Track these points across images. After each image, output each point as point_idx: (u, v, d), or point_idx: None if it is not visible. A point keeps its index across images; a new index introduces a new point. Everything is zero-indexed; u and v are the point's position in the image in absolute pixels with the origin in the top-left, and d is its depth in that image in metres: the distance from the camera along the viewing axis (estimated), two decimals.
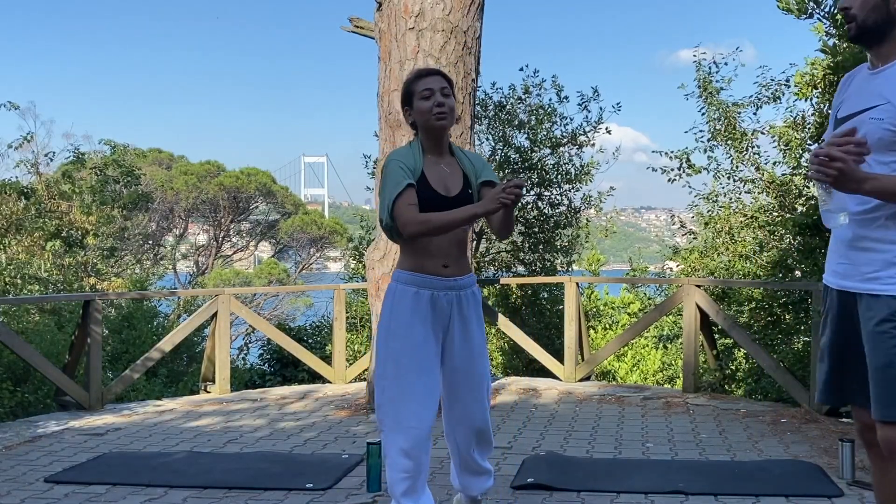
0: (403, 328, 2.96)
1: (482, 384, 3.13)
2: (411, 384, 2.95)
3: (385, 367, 3.01)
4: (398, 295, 2.98)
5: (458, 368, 3.07)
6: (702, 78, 11.19)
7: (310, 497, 4.07)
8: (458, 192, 2.98)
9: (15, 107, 12.02)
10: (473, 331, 3.08)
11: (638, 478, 4.32)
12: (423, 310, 2.96)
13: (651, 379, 12.97)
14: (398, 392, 2.96)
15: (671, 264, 14.12)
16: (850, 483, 4.14)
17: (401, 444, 2.96)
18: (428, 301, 2.96)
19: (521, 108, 11.38)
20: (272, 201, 22.00)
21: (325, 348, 10.23)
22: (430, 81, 2.98)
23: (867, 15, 2.41)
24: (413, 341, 2.95)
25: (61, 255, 12.33)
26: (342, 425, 5.82)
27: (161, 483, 4.32)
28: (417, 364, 2.96)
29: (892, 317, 2.40)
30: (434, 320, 2.98)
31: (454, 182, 3.00)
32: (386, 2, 6.11)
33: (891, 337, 2.40)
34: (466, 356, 3.07)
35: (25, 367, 7.99)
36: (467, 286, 3.06)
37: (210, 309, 7.46)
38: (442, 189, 2.96)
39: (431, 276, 2.97)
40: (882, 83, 2.43)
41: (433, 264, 2.97)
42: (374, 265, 6.20)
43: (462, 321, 3.04)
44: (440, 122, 2.96)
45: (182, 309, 15.35)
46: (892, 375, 2.39)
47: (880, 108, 2.39)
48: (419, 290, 2.95)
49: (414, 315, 2.95)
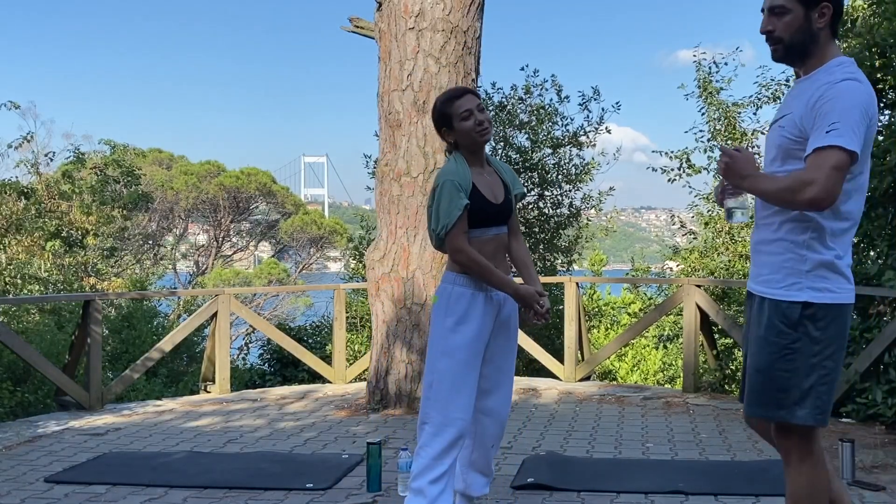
0: (461, 325, 3.14)
1: (512, 381, 3.40)
2: (464, 378, 3.14)
3: (439, 363, 3.17)
4: (454, 296, 3.16)
5: (498, 363, 3.29)
6: (702, 78, 11.20)
7: (310, 497, 4.07)
8: (503, 200, 3.24)
9: (16, 106, 12.04)
10: (512, 333, 3.34)
11: (638, 478, 4.32)
12: (478, 309, 3.16)
13: (651, 379, 12.97)
14: (450, 385, 3.13)
15: (671, 264, 14.13)
16: (850, 483, 4.14)
17: (448, 436, 3.13)
18: (483, 301, 3.17)
19: (521, 108, 11.38)
20: (272, 201, 22.00)
21: (325, 348, 10.22)
22: (465, 102, 3.16)
23: (793, 36, 2.49)
24: (466, 338, 3.14)
25: (61, 255, 12.34)
26: (342, 425, 5.82)
27: (161, 483, 4.32)
28: (472, 359, 3.16)
29: (776, 322, 2.48)
30: (484, 319, 3.17)
31: (499, 190, 3.24)
32: (386, 2, 6.11)
33: (770, 343, 2.49)
34: (506, 352, 3.32)
35: (25, 367, 8.00)
36: None
37: (210, 309, 7.46)
38: (491, 197, 3.18)
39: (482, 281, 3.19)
40: (800, 93, 2.51)
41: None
42: (374, 265, 6.20)
43: (503, 321, 3.27)
44: (484, 137, 3.17)
45: (182, 309, 15.35)
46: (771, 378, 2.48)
47: (787, 117, 2.51)
48: (475, 292, 3.16)
49: (470, 314, 3.15)
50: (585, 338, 7.94)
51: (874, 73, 6.16)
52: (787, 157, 2.49)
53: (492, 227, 3.19)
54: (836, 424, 5.57)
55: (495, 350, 3.28)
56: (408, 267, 6.05)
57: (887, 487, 4.09)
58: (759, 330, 2.53)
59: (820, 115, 2.38)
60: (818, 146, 2.34)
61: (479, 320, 3.16)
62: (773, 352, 2.49)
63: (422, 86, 5.97)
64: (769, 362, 2.49)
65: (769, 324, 2.50)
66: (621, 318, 14.19)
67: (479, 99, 3.22)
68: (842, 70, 2.46)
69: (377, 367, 6.21)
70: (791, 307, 2.47)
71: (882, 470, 4.41)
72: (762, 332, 2.52)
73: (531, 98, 11.41)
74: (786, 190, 2.39)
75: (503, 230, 3.26)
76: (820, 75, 2.48)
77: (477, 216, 3.14)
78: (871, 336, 5.70)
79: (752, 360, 2.55)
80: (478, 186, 3.15)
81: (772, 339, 2.49)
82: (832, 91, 2.39)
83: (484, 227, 3.17)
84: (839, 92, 2.38)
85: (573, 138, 11.43)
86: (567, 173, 11.50)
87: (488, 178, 3.23)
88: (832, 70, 2.47)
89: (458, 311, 3.15)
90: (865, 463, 4.48)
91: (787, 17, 2.47)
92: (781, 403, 2.48)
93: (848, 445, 4.25)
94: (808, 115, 2.42)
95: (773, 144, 2.56)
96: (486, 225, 3.17)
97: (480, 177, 3.19)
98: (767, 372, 2.50)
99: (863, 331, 5.82)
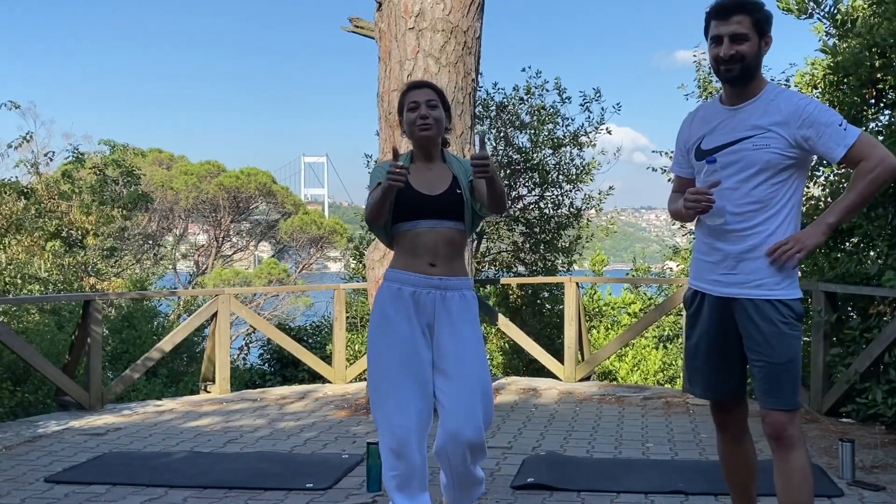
0: (385, 323, 3.00)
1: (475, 392, 2.99)
2: (395, 380, 2.96)
3: (373, 364, 3.03)
4: (381, 292, 3.05)
5: (448, 374, 2.99)
6: (702, 78, 11.20)
7: (310, 497, 4.07)
8: (443, 192, 3.05)
9: (16, 106, 12.03)
10: (464, 335, 3.01)
11: (638, 478, 4.32)
12: (404, 306, 2.98)
13: (651, 379, 12.97)
14: (383, 388, 2.97)
15: (671, 264, 14.14)
16: (850, 483, 4.14)
17: (388, 443, 2.97)
18: (409, 298, 2.98)
19: (523, 108, 11.39)
20: (272, 201, 21.98)
21: (326, 348, 10.22)
22: (417, 94, 3.08)
23: (752, 57, 2.74)
24: (395, 337, 2.98)
25: (61, 255, 12.33)
26: (342, 425, 5.82)
27: (161, 483, 4.32)
28: (401, 359, 2.96)
29: (788, 318, 2.74)
30: (418, 318, 2.99)
31: (439, 183, 3.07)
32: (386, 2, 6.11)
33: (787, 336, 2.74)
34: (455, 360, 2.99)
35: (25, 367, 8.00)
36: (455, 287, 3.04)
37: (210, 309, 7.46)
38: (425, 189, 3.04)
39: (416, 274, 3.00)
40: (751, 115, 2.77)
41: (419, 262, 3.01)
42: (374, 265, 6.20)
43: (450, 323, 3.01)
44: (422, 132, 3.06)
45: (182, 309, 15.35)
46: (795, 368, 2.74)
47: (761, 136, 2.73)
48: (401, 287, 3.00)
49: (395, 310, 2.99)
50: (585, 338, 7.94)
51: (874, 73, 6.16)
52: (775, 172, 2.73)
53: (425, 219, 3.01)
54: (836, 424, 5.57)
55: (441, 356, 3.00)
56: None
57: (887, 487, 4.08)
58: (769, 327, 2.73)
59: (821, 124, 2.68)
60: (851, 142, 2.67)
61: (407, 321, 2.98)
62: (792, 344, 2.74)
63: None
64: (791, 355, 2.74)
65: (782, 320, 2.73)
66: (621, 318, 14.20)
67: (436, 95, 3.10)
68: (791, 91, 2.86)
69: None
70: (796, 303, 2.76)
71: (882, 470, 4.41)
72: (776, 328, 2.73)
73: (532, 99, 11.41)
74: (872, 183, 2.68)
75: (445, 224, 3.03)
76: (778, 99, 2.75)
77: (404, 207, 3.01)
78: (871, 336, 5.70)
79: (770, 356, 2.73)
80: (410, 180, 3.00)
81: (788, 332, 2.74)
82: (811, 105, 2.72)
83: (415, 219, 3.01)
84: (818, 105, 2.73)
85: (574, 138, 11.43)
86: (567, 173, 11.50)
87: (430, 173, 3.09)
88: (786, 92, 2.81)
89: (383, 310, 3.01)
90: (865, 463, 4.47)
91: (749, 42, 2.72)
92: (795, 391, 2.76)
93: (848, 445, 4.25)
94: (802, 131, 2.69)
95: (755, 160, 2.72)
96: (418, 217, 3.01)
97: (422, 171, 3.09)
98: (790, 364, 2.74)
99: (863, 331, 5.82)
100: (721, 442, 3.04)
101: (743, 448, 3.00)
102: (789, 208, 2.75)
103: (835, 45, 6.72)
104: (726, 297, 2.81)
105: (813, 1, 6.94)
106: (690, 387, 3.04)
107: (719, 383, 2.92)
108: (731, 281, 2.79)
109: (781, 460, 2.76)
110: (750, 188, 2.73)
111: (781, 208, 2.74)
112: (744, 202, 2.73)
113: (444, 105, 3.13)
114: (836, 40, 6.80)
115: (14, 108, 11.98)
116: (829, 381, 5.97)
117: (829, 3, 6.88)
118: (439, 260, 3.01)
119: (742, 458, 3.01)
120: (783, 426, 2.74)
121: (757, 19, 2.73)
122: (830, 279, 6.18)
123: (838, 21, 6.73)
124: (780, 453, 2.76)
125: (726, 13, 2.73)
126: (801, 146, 2.71)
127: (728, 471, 3.04)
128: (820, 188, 7.10)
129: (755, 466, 3.03)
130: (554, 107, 11.41)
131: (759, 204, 2.73)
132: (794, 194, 2.77)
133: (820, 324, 5.98)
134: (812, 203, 6.83)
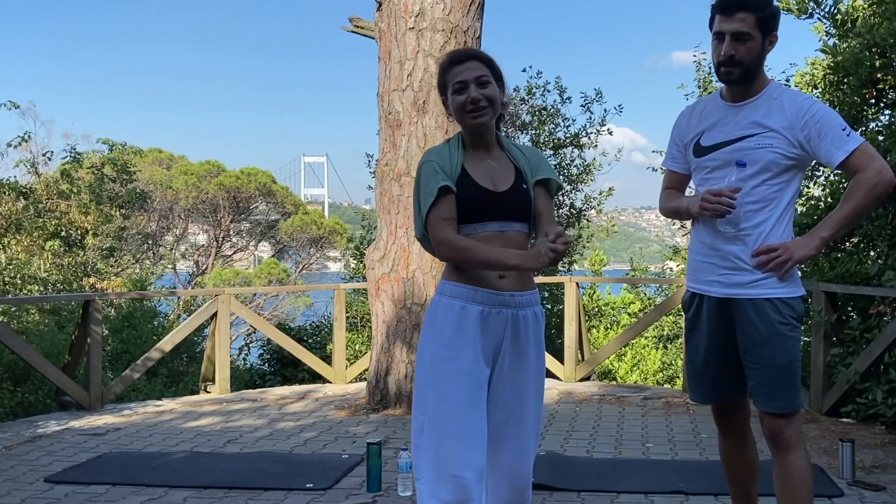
0: (448, 350, 2.44)
1: (534, 431, 2.56)
2: (458, 421, 2.41)
3: (425, 400, 2.46)
4: (441, 310, 2.48)
5: (507, 406, 2.50)
6: (702, 78, 11.21)
7: (310, 497, 4.07)
8: (510, 187, 2.52)
9: (15, 106, 12.02)
10: (530, 362, 2.53)
11: (638, 478, 4.32)
12: (471, 329, 2.44)
13: (651, 379, 12.97)
14: (441, 431, 2.41)
15: (671, 264, 14.14)
16: (851, 483, 4.14)
17: (444, 497, 2.39)
18: (477, 318, 2.45)
19: (524, 109, 11.40)
20: (272, 201, 21.97)
21: (326, 348, 10.22)
22: (462, 71, 2.51)
23: (751, 61, 2.68)
24: (460, 367, 2.43)
25: (60, 255, 12.33)
26: (342, 425, 5.82)
27: (161, 483, 4.32)
28: (466, 395, 2.42)
29: (788, 318, 2.70)
30: (484, 342, 2.46)
31: (504, 176, 2.54)
32: (386, 2, 6.11)
33: (787, 338, 2.70)
34: (517, 392, 2.51)
35: (25, 367, 7.99)
36: (528, 305, 2.52)
37: (210, 309, 7.46)
38: (489, 184, 2.51)
39: (483, 289, 2.46)
40: (753, 113, 2.73)
41: (487, 275, 2.47)
42: (375, 265, 6.20)
43: (516, 348, 2.49)
44: (476, 119, 2.51)
45: (182, 309, 15.35)
46: (794, 370, 2.71)
47: (762, 135, 2.69)
48: (467, 305, 2.45)
49: (460, 335, 2.44)
50: (586, 338, 7.94)
51: (874, 73, 6.16)
52: (776, 172, 2.69)
53: (491, 221, 2.47)
54: (837, 424, 5.57)
55: (504, 388, 2.49)
56: (408, 267, 6.05)
57: (887, 487, 4.08)
58: (768, 329, 2.69)
59: (824, 127, 2.64)
60: (852, 149, 2.63)
61: (473, 347, 2.44)
62: (792, 345, 2.70)
63: (422, 86, 5.97)
64: (791, 356, 2.70)
65: (782, 321, 2.69)
66: (621, 318, 14.20)
67: (485, 68, 2.53)
68: (795, 91, 2.83)
69: (377, 366, 6.21)
70: (796, 301, 2.73)
71: (882, 470, 4.41)
72: (775, 330, 2.69)
73: (533, 99, 11.42)
74: (868, 194, 2.64)
75: (513, 227, 2.49)
76: (782, 98, 2.71)
77: (467, 206, 2.46)
78: (871, 336, 5.70)
79: (768, 358, 2.69)
80: (469, 172, 2.50)
81: (788, 335, 2.70)
82: (815, 106, 2.68)
83: (479, 221, 2.47)
84: (822, 107, 2.69)
85: (575, 139, 11.44)
86: (568, 174, 11.51)
87: (491, 164, 2.55)
88: (790, 92, 2.78)
89: (445, 333, 2.45)
90: (865, 463, 4.47)
91: (750, 43, 2.66)
92: (794, 393, 2.72)
93: (848, 445, 4.25)
94: (805, 132, 2.66)
95: (756, 159, 2.68)
96: (483, 219, 2.47)
97: (480, 161, 2.54)
98: (790, 366, 2.70)
99: (863, 331, 5.82)
100: (723, 443, 3.01)
101: (745, 449, 2.97)
102: (785, 209, 2.73)
103: (835, 45, 6.72)
104: (726, 297, 2.76)
105: (813, 1, 6.94)
106: (692, 394, 2.99)
107: (721, 387, 2.88)
108: (730, 281, 2.74)
109: (780, 463, 2.74)
110: (750, 187, 2.68)
111: (780, 208, 2.71)
112: (744, 201, 2.68)
113: (496, 76, 2.56)
114: (836, 40, 6.80)
115: (13, 107, 11.97)
116: (829, 381, 5.97)
117: (829, 3, 6.87)
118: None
119: (744, 458, 2.98)
120: (780, 429, 2.71)
121: (762, 17, 2.65)
122: (830, 279, 6.18)
123: (838, 21, 6.73)
124: (778, 456, 2.74)
125: (731, 9, 2.66)
126: (803, 147, 2.67)
127: (729, 471, 3.02)
128: (820, 188, 7.10)
129: (757, 467, 3.00)
130: (555, 107, 11.42)
131: (759, 203, 2.69)
132: (792, 195, 2.75)
133: (820, 324, 5.98)
134: (812, 203, 6.83)
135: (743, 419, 2.95)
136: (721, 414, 2.96)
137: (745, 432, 2.96)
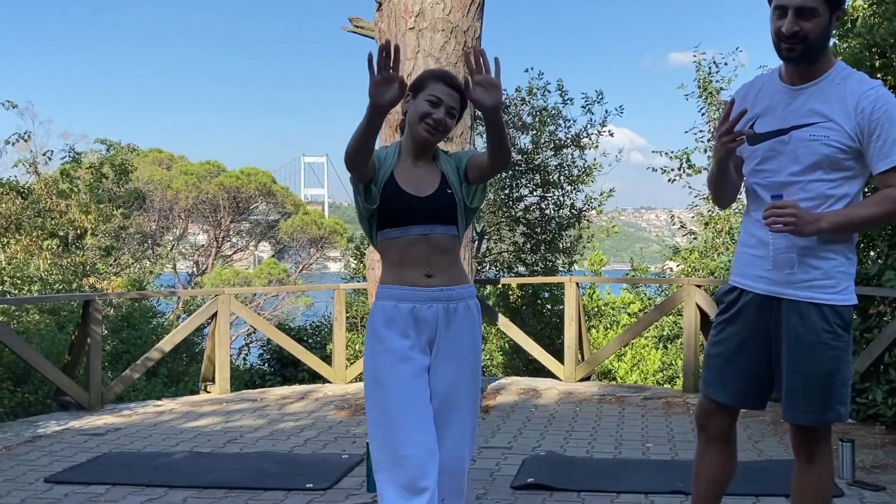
0: (382, 344, 2.58)
1: (470, 419, 2.66)
2: (399, 405, 2.52)
3: (371, 394, 2.59)
4: (376, 311, 2.63)
5: (443, 396, 2.61)
6: (702, 78, 11.23)
7: (310, 497, 4.07)
8: (433, 192, 2.64)
9: (13, 105, 12.02)
10: (464, 352, 2.64)
11: (638, 478, 4.32)
12: (402, 324, 2.58)
13: (651, 379, 12.98)
14: (388, 418, 2.52)
15: (671, 264, 14.14)
16: (851, 483, 4.14)
17: (400, 481, 2.47)
18: (408, 314, 2.58)
19: (525, 109, 11.41)
20: (272, 201, 22.00)
21: (326, 348, 10.22)
22: (444, 92, 2.68)
23: (816, 38, 2.45)
24: (395, 357, 2.56)
25: (60, 255, 12.33)
26: (342, 425, 5.82)
27: (161, 483, 4.32)
28: (403, 382, 2.54)
29: (834, 327, 2.49)
30: (418, 335, 2.59)
31: (428, 183, 2.66)
32: (386, 2, 6.11)
33: (831, 347, 2.49)
34: (453, 382, 2.62)
35: (25, 367, 8.00)
36: (459, 298, 2.65)
37: (210, 309, 7.46)
38: (413, 189, 2.63)
39: (413, 288, 2.60)
40: (812, 99, 2.49)
41: (413, 274, 2.61)
42: (375, 265, 6.20)
43: (449, 339, 2.62)
44: (425, 133, 2.65)
45: (182, 309, 15.35)
46: (832, 383, 2.50)
47: (820, 125, 2.46)
48: (398, 304, 2.59)
49: (392, 330, 2.58)
50: (586, 338, 7.94)
51: (874, 74, 6.16)
52: (832, 168, 2.47)
53: (415, 224, 2.59)
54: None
55: (439, 378, 2.60)
56: None
57: (887, 487, 4.09)
58: (811, 336, 2.50)
59: (880, 129, 2.41)
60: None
61: (406, 334, 2.57)
62: (835, 356, 2.50)
63: None
64: (832, 367, 2.50)
65: (827, 329, 2.49)
66: (621, 318, 14.21)
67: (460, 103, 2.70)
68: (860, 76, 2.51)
69: None
70: (846, 310, 2.52)
71: (882, 470, 4.41)
72: (818, 337, 2.49)
73: (534, 100, 11.44)
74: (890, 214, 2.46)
75: (437, 230, 2.61)
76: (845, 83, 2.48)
77: (391, 210, 2.60)
78: (871, 336, 5.70)
79: (807, 367, 2.51)
80: (396, 178, 2.63)
81: (832, 344, 2.49)
82: (882, 98, 2.43)
83: (403, 224, 2.60)
84: (886, 102, 2.43)
85: (575, 140, 11.45)
86: (569, 175, 11.52)
87: (419, 170, 2.67)
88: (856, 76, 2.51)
89: (379, 330, 2.59)
90: (865, 463, 4.47)
91: (816, 19, 2.43)
92: (835, 405, 2.53)
93: (848, 445, 4.25)
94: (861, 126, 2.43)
95: (810, 153, 2.47)
96: (407, 223, 2.59)
97: (410, 168, 2.67)
98: (831, 377, 2.51)
99: (863, 331, 5.82)
100: (701, 445, 2.80)
101: (720, 458, 2.75)
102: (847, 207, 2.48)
103: (835, 45, 6.72)
104: (770, 295, 2.56)
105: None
106: (707, 387, 2.71)
107: (739, 388, 2.65)
108: (779, 279, 2.53)
109: (800, 470, 2.64)
110: (805, 182, 2.48)
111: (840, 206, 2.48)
112: (798, 198, 2.46)
113: (459, 116, 2.76)
114: (836, 40, 6.81)
115: (11, 107, 11.97)
116: None
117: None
118: (435, 270, 2.62)
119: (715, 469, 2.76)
120: (806, 441, 2.58)
121: None
122: None
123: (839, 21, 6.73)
124: (799, 463, 2.64)
125: None
126: (860, 140, 2.44)
127: (698, 477, 2.79)
128: None
129: (726, 483, 2.77)
130: (556, 108, 11.44)
131: (815, 200, 2.47)
132: (855, 193, 2.51)
133: None
134: None
135: (729, 426, 2.75)
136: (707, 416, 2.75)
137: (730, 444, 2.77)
